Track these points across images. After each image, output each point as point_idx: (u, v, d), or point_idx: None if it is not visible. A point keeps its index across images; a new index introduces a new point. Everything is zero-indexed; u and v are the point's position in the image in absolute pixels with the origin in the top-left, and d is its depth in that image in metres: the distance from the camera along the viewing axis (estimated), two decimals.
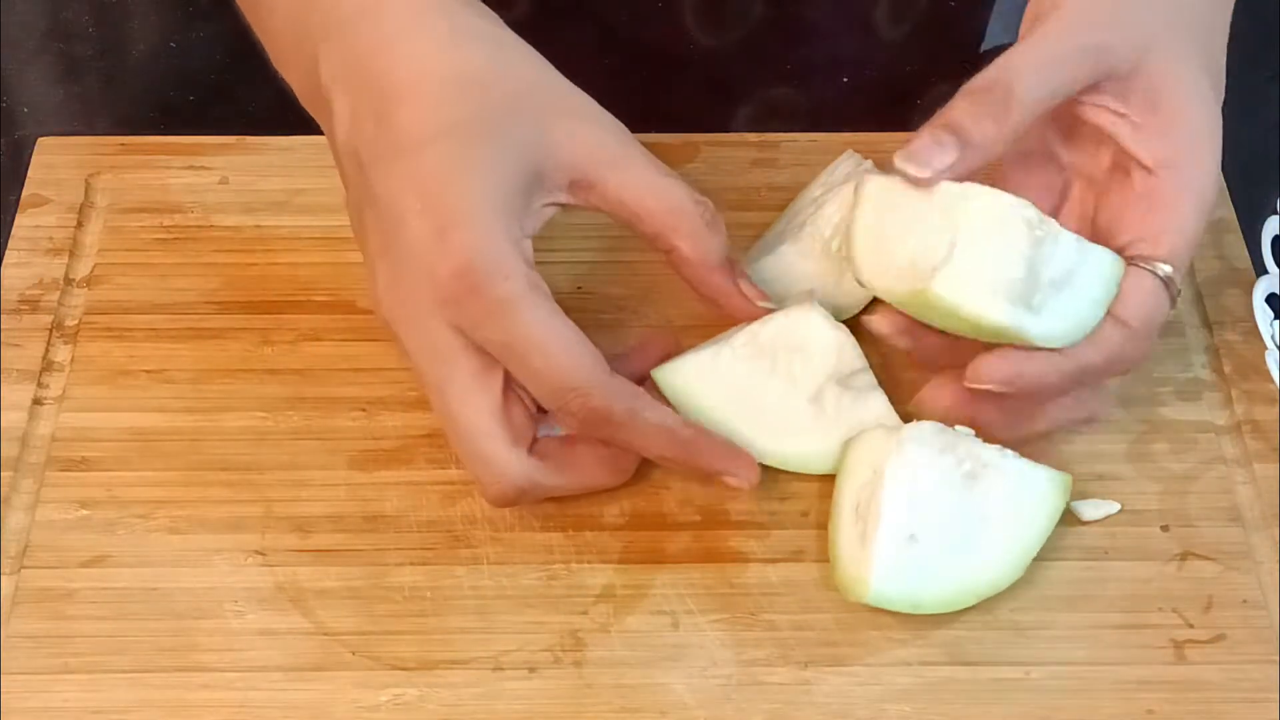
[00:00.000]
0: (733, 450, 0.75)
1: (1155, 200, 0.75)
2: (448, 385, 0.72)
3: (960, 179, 0.73)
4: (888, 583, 0.71)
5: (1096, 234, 0.76)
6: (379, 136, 0.73)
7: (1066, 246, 0.73)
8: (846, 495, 0.74)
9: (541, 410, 0.74)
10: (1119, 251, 0.74)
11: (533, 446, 0.74)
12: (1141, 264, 0.74)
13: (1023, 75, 0.74)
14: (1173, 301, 0.75)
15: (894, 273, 0.74)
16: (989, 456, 0.74)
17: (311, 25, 0.75)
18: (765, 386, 0.77)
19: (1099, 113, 0.76)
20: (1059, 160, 0.78)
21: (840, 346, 0.78)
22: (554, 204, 0.75)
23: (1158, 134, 0.75)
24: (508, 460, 0.73)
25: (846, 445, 0.76)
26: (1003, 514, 0.74)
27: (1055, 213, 0.77)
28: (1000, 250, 0.72)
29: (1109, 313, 0.74)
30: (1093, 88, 0.75)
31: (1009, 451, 0.75)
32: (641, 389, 0.74)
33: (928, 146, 0.73)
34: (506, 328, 0.71)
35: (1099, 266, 0.74)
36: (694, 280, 0.77)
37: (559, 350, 0.71)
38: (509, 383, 0.73)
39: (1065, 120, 0.77)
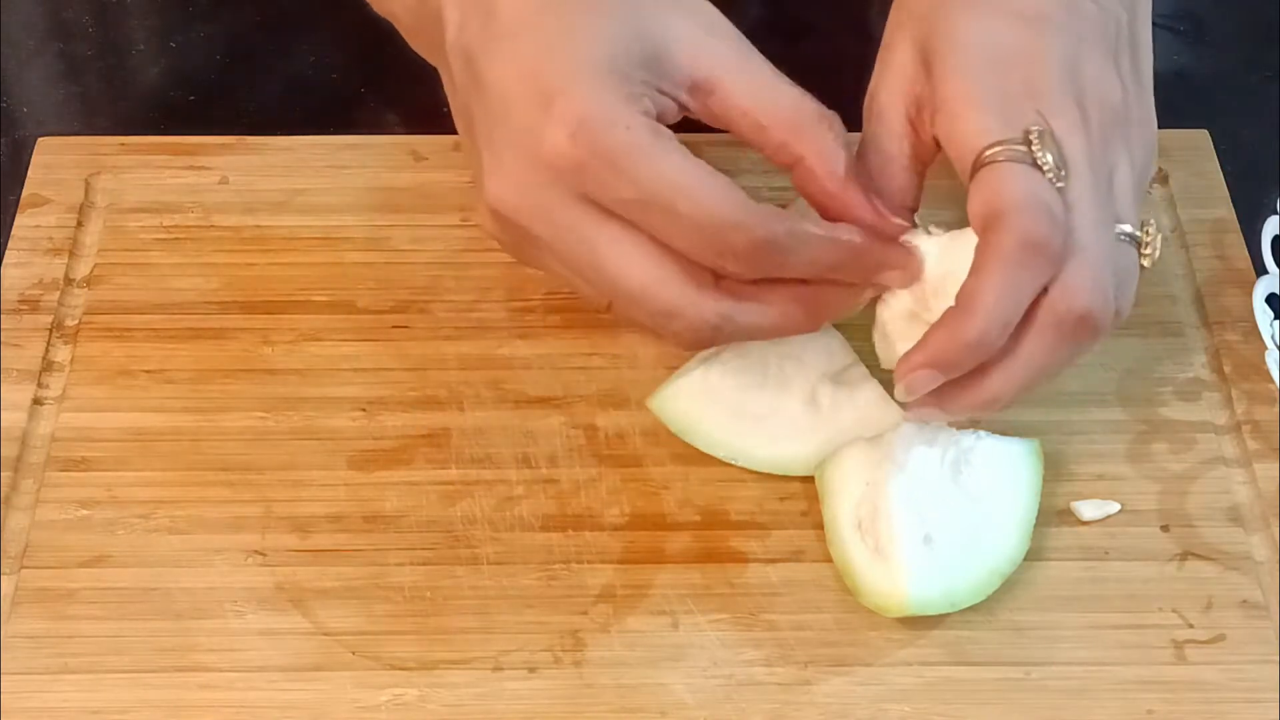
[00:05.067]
0: (895, 247, 0.71)
1: (940, 123, 0.71)
2: (601, 256, 0.69)
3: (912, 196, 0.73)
4: (923, 588, 0.71)
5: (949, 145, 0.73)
6: (484, 27, 0.70)
7: (934, 245, 0.72)
8: (844, 514, 0.74)
9: None
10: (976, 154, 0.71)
11: (718, 283, 0.70)
12: (974, 170, 0.70)
13: (872, 96, 0.74)
14: (1035, 166, 0.69)
15: None
16: (966, 442, 0.75)
17: None
18: (759, 397, 0.77)
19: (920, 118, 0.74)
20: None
21: (829, 345, 0.79)
22: (676, 98, 0.71)
23: (935, 79, 0.72)
24: (694, 299, 0.69)
25: (824, 466, 0.76)
26: (994, 492, 0.74)
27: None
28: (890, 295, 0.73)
29: (986, 214, 0.69)
30: (915, 99, 0.73)
31: (981, 432, 0.75)
32: (789, 213, 0.70)
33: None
34: (639, 180, 0.67)
35: (968, 248, 0.70)
36: (821, 196, 0.72)
37: (703, 190, 0.67)
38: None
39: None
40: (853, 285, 0.72)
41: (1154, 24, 0.76)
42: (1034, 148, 0.69)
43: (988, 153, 0.69)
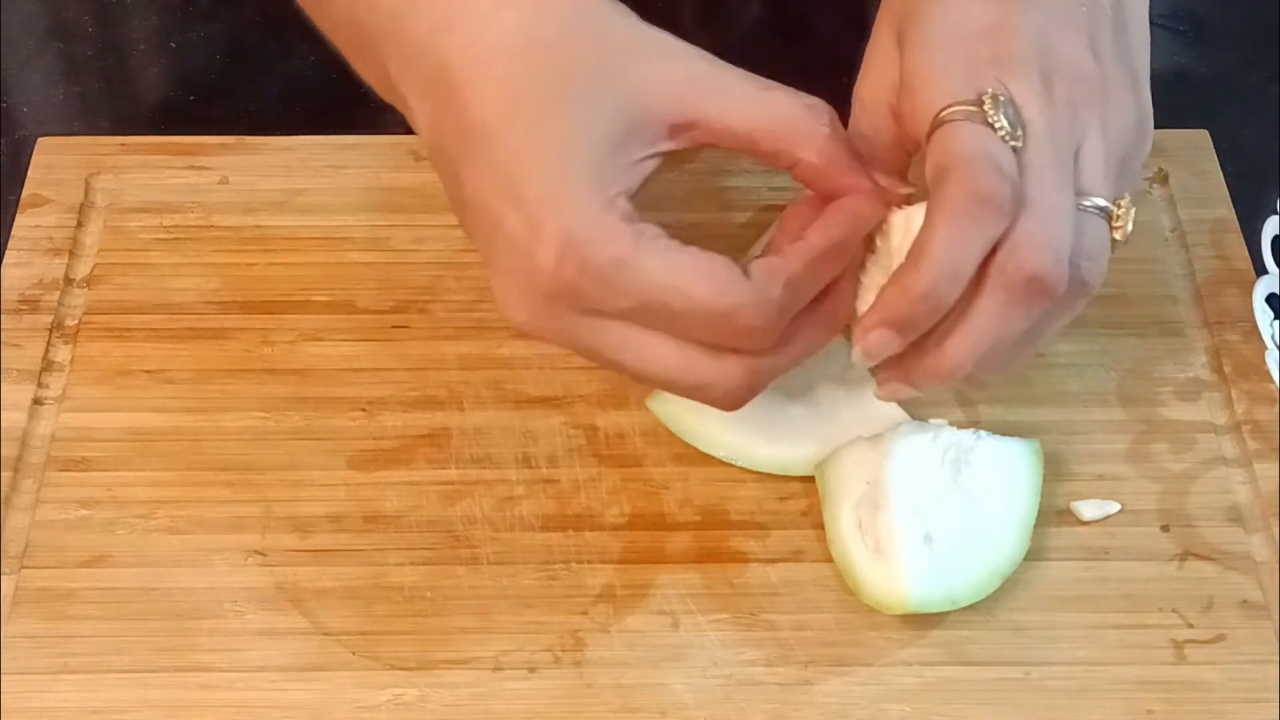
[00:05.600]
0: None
1: (904, 92, 0.71)
2: (619, 358, 0.69)
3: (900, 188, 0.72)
4: (924, 587, 0.71)
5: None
6: (459, 131, 0.70)
7: (902, 221, 0.71)
8: (844, 514, 0.74)
9: None
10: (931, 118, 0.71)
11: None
12: (929, 135, 0.70)
13: (857, 88, 0.74)
14: (988, 125, 0.69)
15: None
16: (966, 441, 0.75)
17: (370, 22, 0.72)
18: (760, 397, 0.77)
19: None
20: None
21: (829, 345, 0.78)
22: (656, 154, 0.70)
23: (902, 59, 0.72)
24: (720, 371, 0.70)
25: (824, 466, 0.76)
26: (994, 491, 0.74)
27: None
28: (866, 279, 0.73)
29: (935, 170, 0.69)
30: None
31: (981, 432, 0.76)
32: (779, 263, 0.69)
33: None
34: (632, 291, 0.68)
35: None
36: (828, 189, 0.72)
37: (695, 285, 0.67)
38: None
39: None
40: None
41: (1154, 24, 0.76)
42: (987, 107, 0.69)
43: (943, 113, 0.69)
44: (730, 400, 0.71)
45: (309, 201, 0.87)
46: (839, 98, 0.73)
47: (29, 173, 0.88)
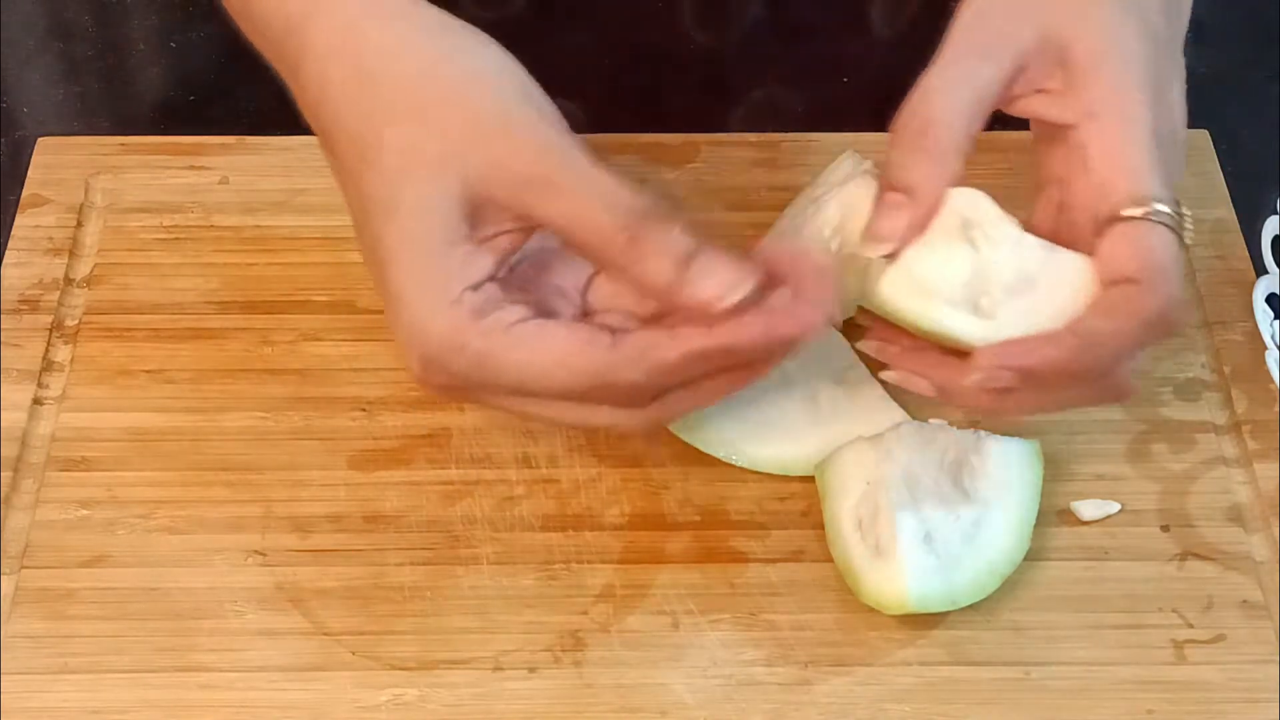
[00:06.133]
0: (803, 313, 0.68)
1: (1090, 151, 0.71)
2: (527, 418, 0.71)
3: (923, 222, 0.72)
4: (924, 587, 0.71)
5: (1063, 223, 0.73)
6: (360, 236, 0.72)
7: (1028, 250, 0.72)
8: (844, 514, 0.74)
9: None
10: (1091, 222, 0.71)
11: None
12: (1135, 212, 0.70)
13: (937, 98, 0.72)
14: (1178, 237, 0.71)
15: (856, 275, 0.74)
16: (966, 441, 0.75)
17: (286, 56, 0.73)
18: (760, 396, 0.77)
19: (1028, 102, 0.74)
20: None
21: (829, 345, 0.79)
22: (508, 232, 0.70)
23: (1073, 92, 0.72)
24: (623, 415, 0.70)
25: (824, 466, 0.76)
26: (994, 491, 0.74)
27: (1030, 221, 0.75)
28: (945, 252, 0.71)
29: (1114, 278, 0.70)
30: (1016, 80, 0.73)
31: (981, 432, 0.76)
32: (652, 344, 0.68)
33: (884, 219, 0.71)
34: (500, 381, 0.69)
35: (1068, 272, 0.71)
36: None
37: (555, 368, 0.68)
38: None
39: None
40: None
41: None
42: (1185, 221, 0.71)
43: (1143, 211, 0.70)
44: (644, 432, 0.72)
45: (309, 201, 0.87)
46: (839, 97, 0.73)
47: (29, 173, 0.88)
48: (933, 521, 0.73)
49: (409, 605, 0.73)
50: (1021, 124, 0.77)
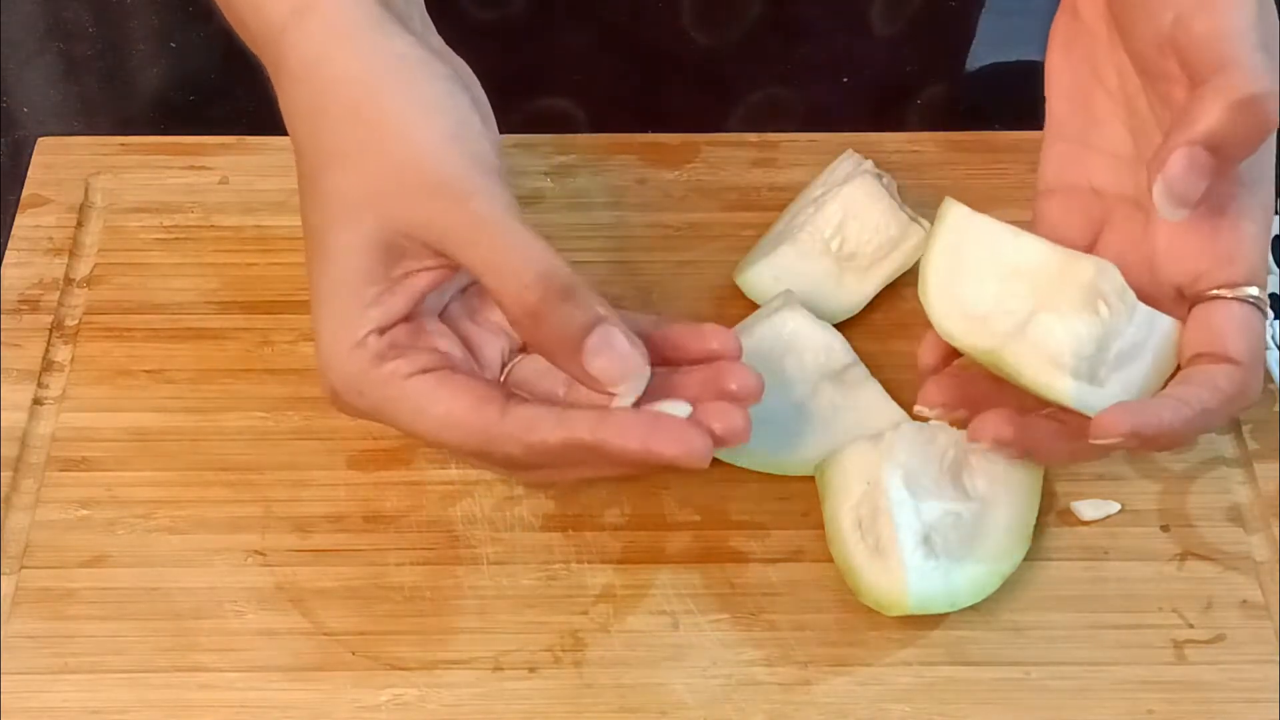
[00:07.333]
0: (662, 428, 0.68)
1: (1219, 221, 0.71)
2: (461, 452, 0.73)
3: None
4: (924, 587, 0.72)
5: (1150, 264, 0.73)
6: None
7: (1140, 319, 0.72)
8: (844, 514, 0.74)
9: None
10: (1190, 284, 0.72)
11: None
12: (1225, 293, 0.71)
13: (1248, 54, 0.69)
14: (1264, 311, 0.71)
15: (964, 320, 0.73)
16: (966, 442, 0.75)
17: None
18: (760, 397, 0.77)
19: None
20: (1097, 188, 0.76)
21: (828, 344, 0.79)
22: (428, 269, 0.71)
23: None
24: (518, 476, 0.72)
25: (824, 466, 0.76)
26: (993, 491, 0.74)
27: (1093, 245, 0.75)
28: (1076, 326, 0.71)
29: (1213, 354, 0.70)
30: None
31: None
32: (537, 420, 0.69)
33: (1186, 176, 0.68)
34: (398, 426, 0.71)
35: (1163, 337, 0.72)
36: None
37: (443, 422, 0.69)
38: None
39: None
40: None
41: None
42: (1264, 301, 0.71)
43: (1236, 291, 0.71)
44: (537, 488, 0.74)
45: None
46: (838, 97, 0.73)
47: (29, 173, 0.88)
48: (932, 522, 0.73)
49: (409, 605, 0.73)
50: (1018, 124, 0.77)
